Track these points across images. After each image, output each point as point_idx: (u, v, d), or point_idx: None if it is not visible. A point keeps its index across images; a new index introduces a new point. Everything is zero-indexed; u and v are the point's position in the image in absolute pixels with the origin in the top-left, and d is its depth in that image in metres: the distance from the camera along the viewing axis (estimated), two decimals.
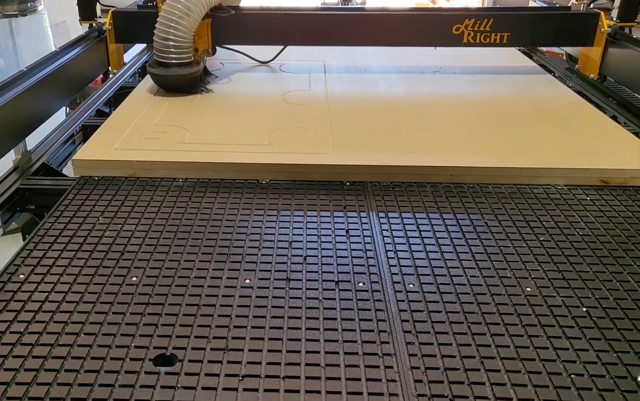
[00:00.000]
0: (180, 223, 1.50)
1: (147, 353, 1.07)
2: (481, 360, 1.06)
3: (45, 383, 0.99)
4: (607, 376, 1.02)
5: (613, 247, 1.41)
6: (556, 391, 0.99)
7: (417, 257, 1.37)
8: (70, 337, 1.10)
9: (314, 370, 1.03)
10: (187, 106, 2.19)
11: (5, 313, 1.16)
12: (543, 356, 1.07)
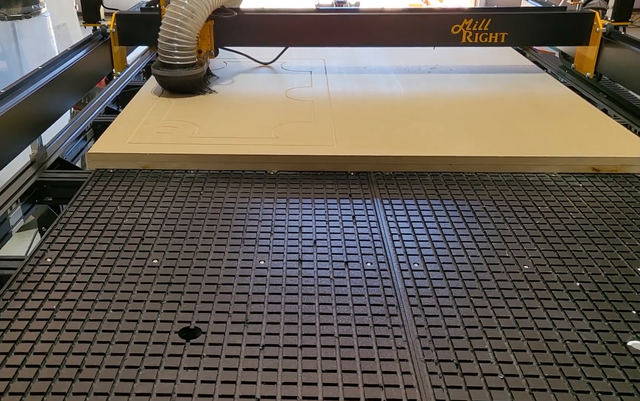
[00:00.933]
0: (195, 211, 1.58)
1: (172, 327, 1.14)
2: (483, 329, 1.14)
3: (80, 353, 1.07)
4: (599, 342, 1.11)
5: (604, 228, 1.50)
6: (552, 355, 1.07)
7: (421, 239, 1.45)
8: (100, 313, 1.18)
9: (329, 340, 1.11)
10: (193, 104, 2.26)
11: (37, 292, 1.24)
12: (540, 325, 1.15)
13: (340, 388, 1.00)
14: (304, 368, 1.04)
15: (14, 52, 3.99)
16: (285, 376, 1.03)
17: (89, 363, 1.05)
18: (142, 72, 2.99)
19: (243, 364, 1.05)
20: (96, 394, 0.98)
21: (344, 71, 2.74)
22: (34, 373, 1.02)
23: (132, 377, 1.02)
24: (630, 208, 1.59)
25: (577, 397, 0.98)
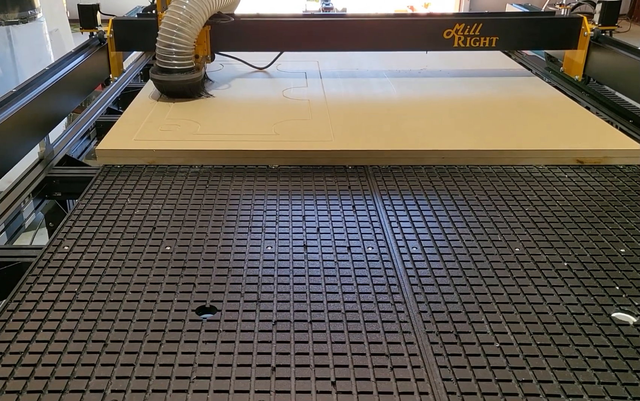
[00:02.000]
0: (202, 203, 1.65)
1: (189, 306, 1.22)
2: (479, 304, 1.23)
3: (104, 330, 1.14)
4: (585, 314, 1.20)
5: (589, 214, 1.59)
6: (543, 326, 1.17)
7: (418, 226, 1.54)
8: (120, 294, 1.25)
9: (336, 315, 1.19)
10: (193, 105, 2.33)
11: (58, 277, 1.31)
12: (532, 300, 1.24)
13: (349, 356, 1.08)
14: (315, 340, 1.12)
15: (9, 57, 4.03)
16: (298, 347, 1.10)
17: (113, 339, 1.12)
18: (140, 74, 3.05)
19: (258, 337, 1.13)
20: (122, 365, 1.05)
21: (338, 73, 2.83)
22: (62, 347, 1.09)
23: (155, 350, 1.09)
24: (613, 195, 1.70)
25: (567, 361, 1.07)
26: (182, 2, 2.27)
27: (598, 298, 1.25)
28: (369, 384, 1.02)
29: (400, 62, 2.99)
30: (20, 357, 1.07)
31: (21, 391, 0.99)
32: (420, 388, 1.01)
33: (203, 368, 1.05)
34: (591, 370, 1.05)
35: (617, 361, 1.07)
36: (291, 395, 1.00)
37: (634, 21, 9.80)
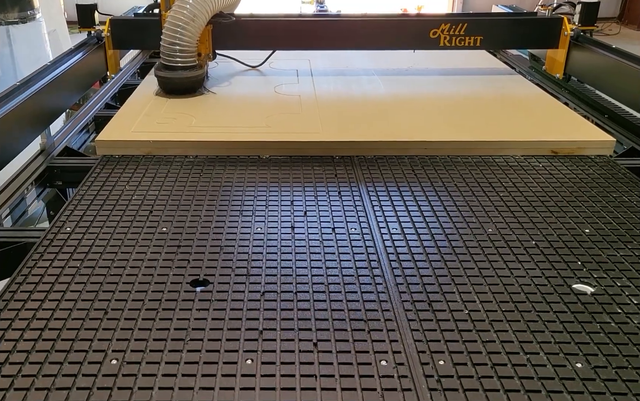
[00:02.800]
0: (196, 189, 1.75)
1: (183, 279, 1.32)
2: (452, 277, 1.34)
3: (105, 299, 1.24)
4: (548, 285, 1.31)
5: (559, 199, 1.70)
6: (509, 295, 1.27)
7: (399, 210, 1.64)
8: (119, 269, 1.35)
9: (320, 287, 1.29)
10: (188, 101, 2.41)
11: (61, 255, 1.41)
12: (500, 274, 1.35)
13: (330, 322, 1.18)
14: (299, 308, 1.23)
15: (8, 57, 4.12)
16: (283, 314, 1.21)
17: (113, 307, 1.22)
18: (137, 72, 3.15)
19: (247, 305, 1.23)
20: (122, 329, 1.15)
21: (329, 70, 2.93)
22: (67, 314, 1.19)
23: (152, 316, 1.19)
24: (583, 183, 1.80)
25: (528, 325, 1.17)
26: (186, 2, 2.36)
27: (561, 271, 1.35)
28: (347, 345, 1.12)
29: (389, 61, 3.09)
30: (28, 322, 1.16)
31: (30, 351, 1.09)
32: (394, 348, 1.11)
33: (196, 331, 1.15)
34: (549, 332, 1.15)
35: (573, 324, 1.17)
36: (276, 353, 1.10)
37: (624, 24, 9.95)
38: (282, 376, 1.04)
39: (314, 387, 1.02)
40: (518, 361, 1.08)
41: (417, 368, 1.06)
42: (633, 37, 9.34)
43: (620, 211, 1.63)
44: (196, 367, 1.06)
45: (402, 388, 1.02)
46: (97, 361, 1.07)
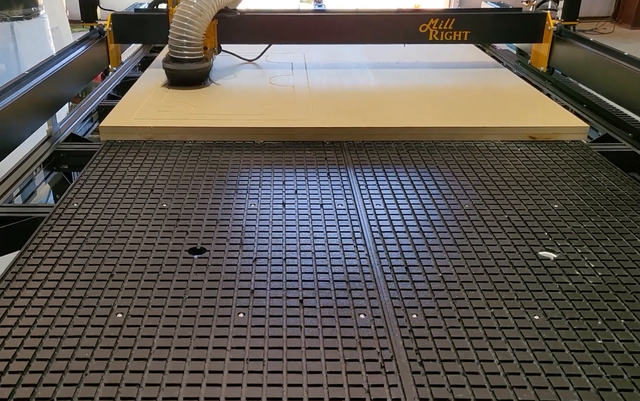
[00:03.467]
0: (195, 171, 1.87)
1: (182, 247, 1.44)
2: (428, 245, 1.46)
3: (110, 264, 1.36)
4: (516, 252, 1.43)
5: (533, 179, 1.82)
6: (480, 261, 1.39)
7: (383, 189, 1.76)
8: (123, 239, 1.47)
9: (307, 254, 1.41)
10: (187, 92, 2.53)
11: (69, 227, 1.53)
12: (473, 242, 1.47)
13: (315, 282, 1.30)
14: (288, 272, 1.35)
15: (13, 53, 4.23)
16: (273, 276, 1.33)
17: (118, 270, 1.34)
18: (138, 65, 3.27)
19: (240, 269, 1.35)
20: (127, 289, 1.27)
21: (322, 63, 3.05)
22: (75, 277, 1.31)
23: (153, 279, 1.31)
24: (556, 165, 1.92)
25: (494, 284, 1.29)
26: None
27: (528, 240, 1.48)
28: (330, 301, 1.24)
29: (381, 55, 3.21)
30: (41, 283, 1.28)
31: (44, 306, 1.21)
32: (372, 304, 1.23)
33: (194, 290, 1.27)
34: (513, 291, 1.27)
35: (535, 284, 1.30)
36: (266, 308, 1.22)
37: (618, 23, 10.08)
38: (271, 326, 1.16)
39: (299, 336, 1.14)
40: (483, 315, 1.20)
41: (392, 320, 1.18)
42: (626, 35, 9.47)
43: (588, 189, 1.75)
44: (193, 320, 1.18)
45: (378, 336, 1.14)
46: (104, 315, 1.19)
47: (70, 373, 1.04)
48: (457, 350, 1.10)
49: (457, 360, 1.08)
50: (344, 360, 1.07)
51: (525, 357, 1.08)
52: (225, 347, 1.10)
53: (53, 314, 1.19)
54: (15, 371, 1.04)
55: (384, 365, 1.07)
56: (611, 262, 1.38)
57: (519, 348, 1.10)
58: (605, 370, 1.05)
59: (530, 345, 1.11)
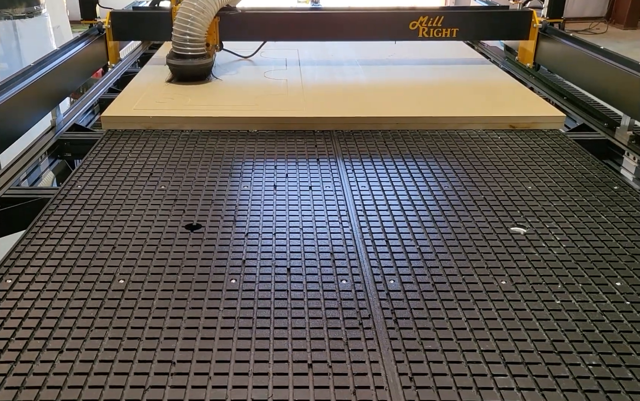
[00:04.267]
0: (191, 157, 1.98)
1: (179, 224, 1.55)
2: (409, 222, 1.57)
3: (112, 238, 1.47)
4: (489, 228, 1.54)
5: (511, 164, 1.93)
6: (455, 235, 1.50)
7: (369, 174, 1.87)
8: (124, 216, 1.58)
9: (295, 229, 1.52)
10: (185, 85, 2.63)
11: (74, 206, 1.63)
12: (450, 219, 1.58)
13: (302, 253, 1.41)
14: (277, 244, 1.46)
15: (15, 51, 4.33)
16: (263, 248, 1.44)
17: (120, 243, 1.45)
18: (138, 61, 3.38)
19: (233, 242, 1.46)
20: (128, 259, 1.38)
21: (315, 60, 3.16)
22: (80, 248, 1.42)
23: (152, 250, 1.42)
24: (533, 151, 2.03)
25: (467, 255, 1.41)
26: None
27: (502, 218, 1.59)
28: (315, 269, 1.35)
29: (372, 51, 3.32)
30: (48, 254, 1.39)
31: (52, 274, 1.32)
32: (353, 272, 1.34)
33: (190, 260, 1.38)
34: (484, 260, 1.39)
35: (504, 255, 1.41)
36: (256, 275, 1.33)
37: (611, 23, 10.20)
38: (260, 290, 1.27)
39: (285, 298, 1.25)
40: (455, 281, 1.31)
41: (370, 285, 1.29)
42: (619, 35, 9.59)
43: (561, 172, 1.86)
44: (189, 285, 1.29)
45: (357, 298, 1.25)
46: (107, 281, 1.30)
47: (77, 328, 1.15)
48: (429, 309, 1.21)
49: (429, 318, 1.19)
50: (326, 318, 1.19)
51: (490, 315, 1.19)
52: (217, 307, 1.21)
53: (60, 280, 1.30)
54: (28, 327, 1.15)
55: (361, 322, 1.18)
56: (575, 235, 1.49)
57: (485, 308, 1.22)
58: (559, 325, 1.16)
59: (495, 305, 1.22)
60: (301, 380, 1.03)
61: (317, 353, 1.09)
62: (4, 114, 1.95)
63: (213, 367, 1.05)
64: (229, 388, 1.00)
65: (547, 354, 1.09)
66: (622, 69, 2.24)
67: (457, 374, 1.04)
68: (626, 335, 1.13)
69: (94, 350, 1.09)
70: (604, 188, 1.75)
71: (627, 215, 1.59)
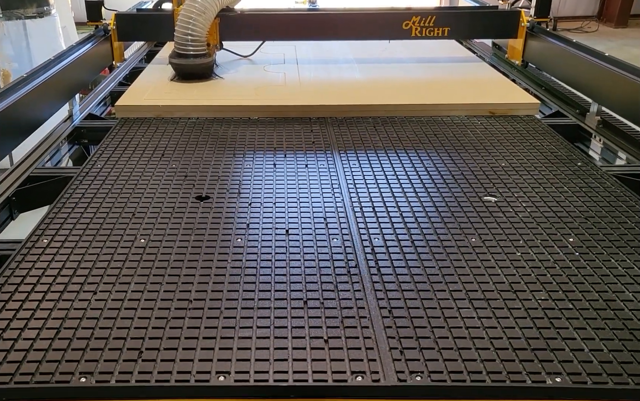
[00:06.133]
0: (198, 140, 2.18)
1: (190, 195, 1.75)
2: (393, 194, 1.77)
3: (131, 207, 1.67)
4: (465, 198, 1.74)
5: (487, 145, 2.14)
6: (434, 204, 1.70)
7: (360, 153, 2.07)
8: (141, 189, 1.78)
9: (292, 199, 1.73)
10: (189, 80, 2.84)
11: (96, 181, 1.83)
12: (430, 192, 1.78)
13: (299, 218, 1.61)
14: (277, 212, 1.66)
15: (25, 50, 4.53)
16: (265, 216, 1.64)
17: (139, 211, 1.65)
18: (144, 58, 3.59)
19: (238, 211, 1.67)
20: (146, 223, 1.58)
21: (312, 57, 3.36)
22: (104, 216, 1.62)
23: (167, 217, 1.62)
24: (510, 134, 2.24)
25: (443, 219, 1.61)
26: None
27: (476, 189, 1.79)
28: (310, 230, 1.56)
29: (367, 50, 3.50)
30: (77, 220, 1.59)
31: (82, 235, 1.52)
32: (343, 232, 1.55)
33: (200, 225, 1.59)
34: (457, 223, 1.59)
35: (476, 218, 1.61)
36: (259, 236, 1.53)
37: (602, 22, 10.42)
38: (263, 247, 1.48)
39: (284, 253, 1.45)
40: (431, 238, 1.51)
41: (357, 242, 1.50)
42: (609, 34, 9.82)
43: (532, 151, 2.06)
44: (201, 243, 1.49)
45: (346, 252, 1.45)
46: (129, 240, 1.50)
47: (107, 276, 1.35)
48: (408, 260, 1.42)
49: (407, 267, 1.39)
50: (319, 267, 1.39)
51: (459, 264, 1.40)
52: (226, 259, 1.42)
53: (89, 239, 1.50)
54: (65, 275, 1.35)
55: (349, 270, 1.38)
56: (539, 202, 1.70)
57: (455, 259, 1.42)
58: (517, 270, 1.37)
59: (465, 257, 1.43)
60: (298, 313, 1.23)
61: (311, 292, 1.29)
62: (28, 103, 2.15)
63: (224, 304, 1.25)
64: (237, 319, 1.21)
65: (505, 292, 1.29)
66: (592, 61, 2.45)
67: (429, 307, 1.24)
68: (572, 277, 1.34)
69: (123, 292, 1.29)
70: (568, 164, 1.96)
71: (586, 186, 1.80)
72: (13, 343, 1.12)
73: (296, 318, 1.22)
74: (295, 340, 1.15)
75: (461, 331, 1.17)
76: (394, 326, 1.18)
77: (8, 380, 1.04)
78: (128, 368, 1.07)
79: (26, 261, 1.40)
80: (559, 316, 1.21)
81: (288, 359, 1.10)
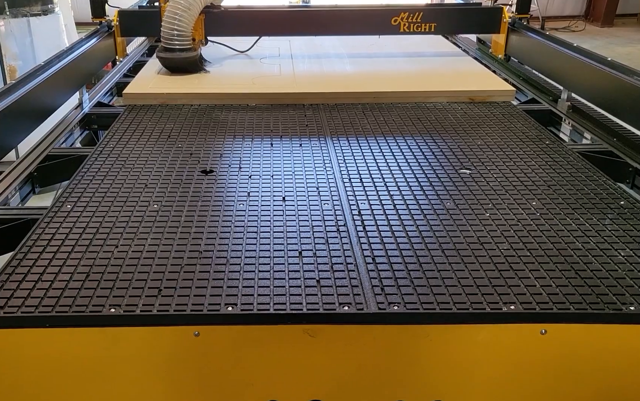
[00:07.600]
0: (202, 123, 2.37)
1: (196, 169, 1.94)
2: (378, 168, 1.97)
3: (143, 182, 1.86)
4: (443, 171, 1.94)
5: (465, 127, 2.34)
6: (415, 177, 1.90)
7: (349, 135, 2.27)
8: (150, 165, 1.97)
9: (288, 175, 1.92)
10: None
11: (109, 159, 2.02)
12: (412, 166, 1.98)
13: (294, 187, 1.81)
14: (274, 183, 1.85)
15: (29, 47, 4.69)
16: (263, 187, 1.83)
17: (149, 184, 1.84)
18: (146, 52, 3.77)
19: (239, 184, 1.86)
20: (158, 191, 1.78)
21: (305, 50, 3.55)
22: (120, 186, 1.81)
23: (175, 189, 1.82)
24: (487, 118, 2.44)
25: (423, 189, 1.81)
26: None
27: (454, 163, 1.99)
28: (304, 198, 1.75)
29: (358, 45, 3.69)
30: (95, 190, 1.78)
31: (101, 201, 1.71)
32: (334, 200, 1.74)
33: (206, 194, 1.78)
34: (435, 191, 1.79)
35: (452, 187, 1.81)
36: (258, 203, 1.72)
37: (589, 21, 10.68)
38: (262, 211, 1.67)
39: (281, 215, 1.65)
40: (411, 202, 1.71)
41: (346, 206, 1.69)
42: (595, 33, 10.07)
43: (506, 132, 2.27)
44: (208, 206, 1.69)
45: (336, 215, 1.65)
46: (144, 205, 1.69)
47: (126, 233, 1.54)
48: (390, 220, 1.61)
49: (388, 225, 1.59)
50: (312, 226, 1.58)
51: (435, 223, 1.60)
52: (230, 220, 1.61)
53: (108, 204, 1.69)
54: (89, 233, 1.54)
55: (338, 228, 1.58)
56: (509, 174, 1.90)
57: (432, 218, 1.62)
58: (485, 228, 1.57)
59: (440, 217, 1.63)
60: (294, 261, 1.42)
61: (305, 244, 1.49)
62: (43, 91, 2.34)
63: (230, 254, 1.45)
64: (241, 265, 1.40)
65: (474, 244, 1.49)
66: (564, 52, 2.66)
67: (407, 256, 1.44)
68: (532, 232, 1.54)
69: (141, 246, 1.48)
70: (538, 143, 2.16)
71: (551, 160, 2.00)
72: (51, 283, 1.32)
73: (292, 264, 1.41)
74: (292, 280, 1.34)
75: (433, 273, 1.37)
76: (376, 270, 1.38)
77: (50, 309, 1.23)
78: (150, 302, 1.26)
79: (54, 222, 1.59)
80: (518, 261, 1.41)
81: (286, 294, 1.29)
